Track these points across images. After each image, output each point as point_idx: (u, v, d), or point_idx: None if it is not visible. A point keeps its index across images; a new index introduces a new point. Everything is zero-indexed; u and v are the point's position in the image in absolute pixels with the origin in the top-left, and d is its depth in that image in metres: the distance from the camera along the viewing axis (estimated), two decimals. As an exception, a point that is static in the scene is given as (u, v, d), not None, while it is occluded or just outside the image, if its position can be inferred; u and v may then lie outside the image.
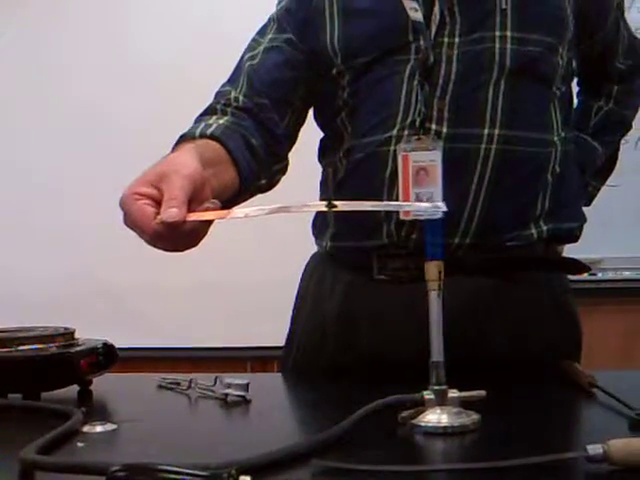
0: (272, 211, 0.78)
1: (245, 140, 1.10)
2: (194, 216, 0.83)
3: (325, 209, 0.78)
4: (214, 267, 2.58)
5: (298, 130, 1.23)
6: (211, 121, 1.10)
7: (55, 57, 2.80)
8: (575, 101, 1.27)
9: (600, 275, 2.62)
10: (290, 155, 1.23)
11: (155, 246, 0.87)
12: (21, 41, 2.83)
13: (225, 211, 0.85)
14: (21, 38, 2.83)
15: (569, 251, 1.23)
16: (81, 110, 2.74)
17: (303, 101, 1.21)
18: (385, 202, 1.08)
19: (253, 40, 1.22)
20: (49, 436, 0.74)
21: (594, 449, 0.63)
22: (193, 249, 0.90)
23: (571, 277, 1.22)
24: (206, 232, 0.88)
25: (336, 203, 0.78)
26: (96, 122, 2.73)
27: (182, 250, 0.89)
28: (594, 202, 1.31)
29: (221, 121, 1.11)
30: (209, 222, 0.86)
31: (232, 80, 1.20)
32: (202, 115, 1.15)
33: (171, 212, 0.82)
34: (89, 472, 0.63)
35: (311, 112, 1.25)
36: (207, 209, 0.85)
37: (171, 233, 0.83)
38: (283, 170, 1.22)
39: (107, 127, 2.72)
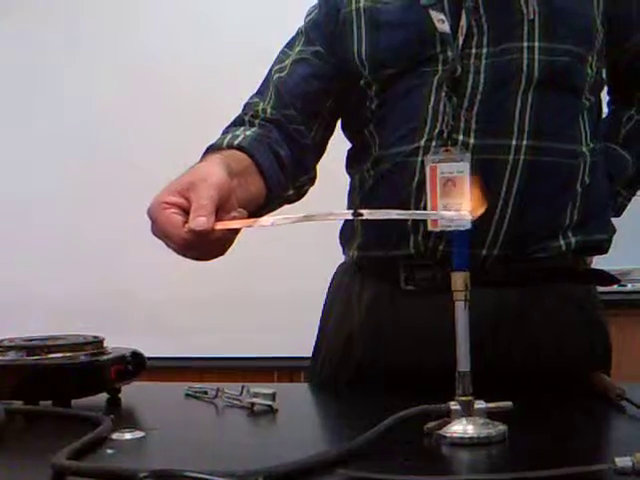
0: (299, 219, 0.79)
1: (272, 151, 1.11)
2: (222, 224, 0.84)
3: (351, 217, 0.79)
4: (241, 278, 2.60)
5: (326, 141, 1.24)
6: (238, 132, 1.11)
7: (65, 59, 2.84)
8: (605, 111, 1.26)
9: (630, 286, 2.59)
10: (318, 166, 1.24)
11: (183, 255, 0.88)
12: (21, 42, 2.88)
13: (252, 219, 0.86)
14: (21, 39, 2.88)
15: (598, 262, 1.22)
16: (99, 119, 2.78)
17: (331, 113, 1.22)
18: (412, 210, 1.08)
19: (282, 52, 1.23)
20: (79, 442, 0.75)
21: (623, 461, 0.63)
22: (221, 259, 0.90)
23: (600, 288, 1.21)
24: (233, 241, 0.89)
25: (362, 211, 0.79)
26: (118, 135, 2.76)
27: (210, 259, 0.89)
28: (623, 213, 1.30)
29: (248, 132, 1.11)
30: (236, 231, 0.87)
31: (260, 92, 1.21)
32: (230, 126, 1.16)
33: (199, 221, 0.83)
34: (118, 478, 0.64)
35: (339, 123, 1.26)
36: (234, 218, 0.86)
37: (199, 241, 0.84)
38: (311, 181, 1.23)
39: (130, 141, 2.76)
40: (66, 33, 2.86)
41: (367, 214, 0.80)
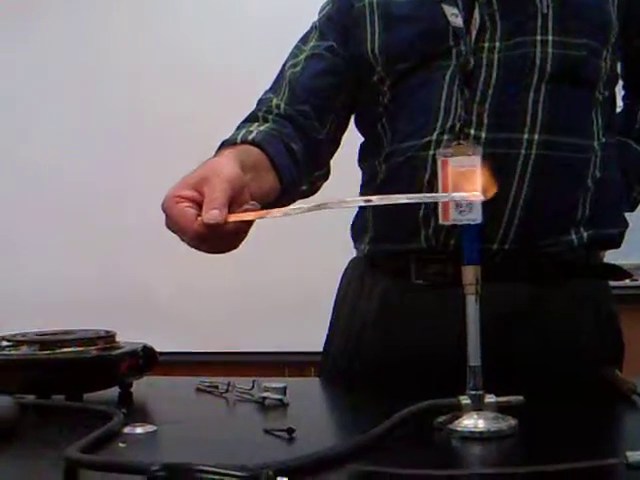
0: (310, 209, 0.79)
1: (286, 146, 1.11)
2: (234, 217, 0.85)
3: (363, 204, 0.79)
4: (253, 272, 2.60)
5: (340, 137, 1.23)
6: (252, 128, 1.11)
7: (104, 58, 2.85)
8: (620, 104, 1.25)
9: (642, 281, 2.58)
10: (331, 160, 1.24)
11: (197, 248, 0.89)
12: (70, 41, 2.89)
13: (265, 211, 0.86)
14: (68, 37, 2.90)
15: (611, 257, 1.21)
16: (124, 110, 2.79)
17: (344, 107, 1.21)
18: (422, 194, 1.07)
19: (296, 48, 1.23)
20: (92, 436, 0.75)
21: (634, 456, 0.63)
22: (232, 254, 0.91)
23: (612, 283, 1.20)
24: (247, 233, 0.89)
25: (372, 198, 0.79)
26: (141, 126, 2.77)
27: (224, 252, 0.90)
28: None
29: (262, 128, 1.11)
30: (249, 223, 0.87)
31: (274, 88, 1.21)
32: (244, 122, 1.16)
33: (212, 213, 0.83)
34: (130, 471, 0.64)
35: (353, 117, 1.26)
36: (246, 210, 0.86)
37: (213, 234, 0.84)
38: (325, 176, 1.23)
39: (148, 131, 2.76)
40: (115, 28, 2.87)
41: (377, 200, 0.80)
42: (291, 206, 0.83)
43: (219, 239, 0.86)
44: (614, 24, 1.12)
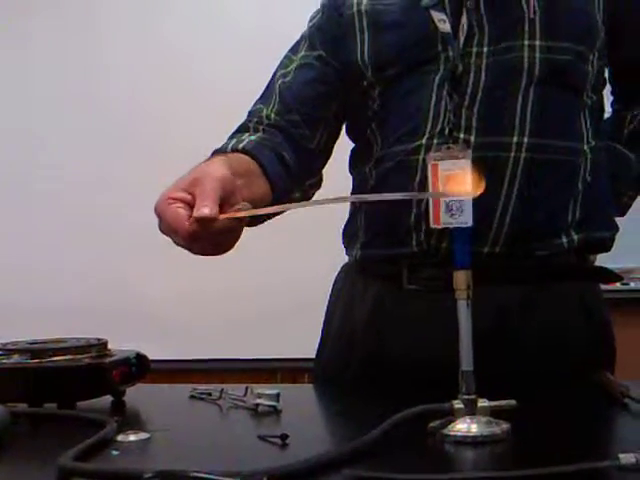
0: (303, 205, 0.80)
1: (277, 154, 1.12)
2: (227, 215, 0.85)
3: (355, 199, 0.79)
4: (245, 278, 2.60)
5: (332, 145, 1.24)
6: (243, 137, 1.12)
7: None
8: (609, 110, 1.26)
9: (632, 285, 2.59)
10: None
11: (189, 249, 0.89)
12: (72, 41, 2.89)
13: (256, 210, 0.87)
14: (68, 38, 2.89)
15: (601, 260, 1.22)
16: (122, 114, 2.79)
17: (336, 116, 1.22)
18: (414, 193, 1.08)
19: (285, 57, 1.24)
20: (85, 444, 0.75)
21: (626, 458, 0.63)
22: (224, 261, 0.91)
23: (603, 287, 1.20)
24: (239, 234, 0.89)
25: (364, 195, 0.79)
26: (139, 133, 2.78)
27: (217, 254, 0.90)
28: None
29: (253, 137, 1.12)
30: (241, 222, 0.88)
31: (264, 98, 1.21)
32: (235, 133, 1.17)
33: (203, 209, 0.84)
34: (124, 479, 0.64)
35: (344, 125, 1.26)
36: (238, 210, 0.87)
37: (205, 232, 0.85)
38: (317, 184, 1.24)
39: (146, 137, 2.77)
40: (109, 31, 2.88)
41: (361, 197, 0.81)
42: (282, 205, 0.84)
43: (212, 238, 0.87)
44: (600, 29, 1.12)
